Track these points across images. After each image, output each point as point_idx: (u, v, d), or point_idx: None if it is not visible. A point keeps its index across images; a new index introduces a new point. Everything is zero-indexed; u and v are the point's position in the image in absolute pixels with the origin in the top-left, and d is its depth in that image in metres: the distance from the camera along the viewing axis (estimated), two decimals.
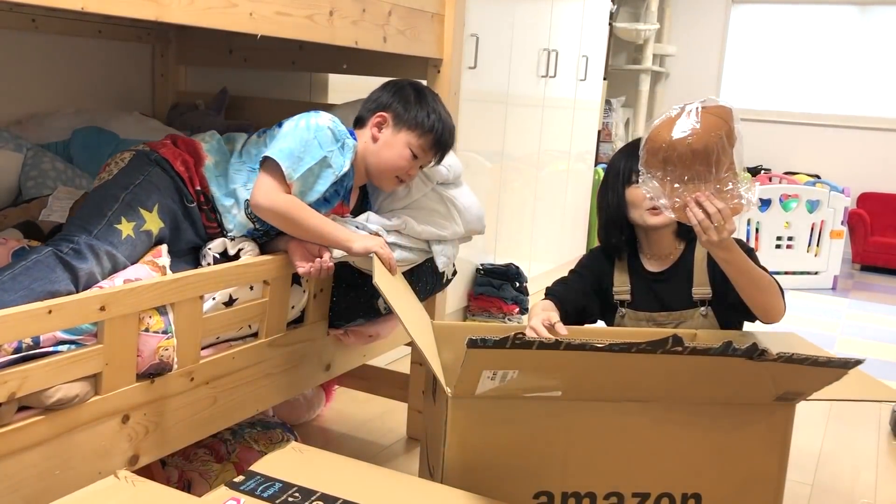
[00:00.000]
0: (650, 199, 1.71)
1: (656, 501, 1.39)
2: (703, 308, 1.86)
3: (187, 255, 1.62)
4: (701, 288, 1.87)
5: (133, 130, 2.00)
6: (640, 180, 1.68)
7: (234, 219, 1.63)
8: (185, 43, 2.41)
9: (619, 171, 1.89)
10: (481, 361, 1.20)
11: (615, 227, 1.92)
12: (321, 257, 1.61)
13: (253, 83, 2.51)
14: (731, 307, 1.82)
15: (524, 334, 1.15)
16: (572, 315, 1.86)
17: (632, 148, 1.86)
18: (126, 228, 1.44)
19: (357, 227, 1.73)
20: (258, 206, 1.58)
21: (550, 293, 1.91)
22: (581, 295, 1.92)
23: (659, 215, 1.82)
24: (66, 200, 1.65)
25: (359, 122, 1.79)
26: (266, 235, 1.67)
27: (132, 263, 1.44)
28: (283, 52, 2.29)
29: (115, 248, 1.40)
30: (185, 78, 2.45)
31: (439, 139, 1.76)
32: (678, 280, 1.90)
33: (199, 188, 1.60)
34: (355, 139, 1.73)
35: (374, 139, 1.74)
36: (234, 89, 2.36)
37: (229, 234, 1.64)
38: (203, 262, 1.60)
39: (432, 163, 1.81)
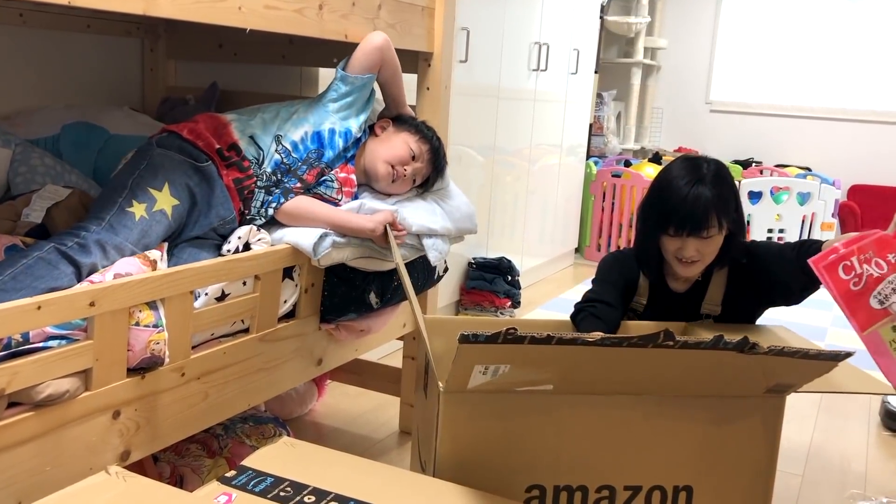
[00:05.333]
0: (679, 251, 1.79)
1: (648, 494, 1.40)
2: (706, 321, 1.91)
3: (211, 248, 1.61)
4: (711, 305, 1.91)
5: (123, 125, 1.99)
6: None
7: (273, 158, 1.71)
8: (175, 37, 2.39)
9: (658, 214, 1.81)
10: (473, 356, 1.20)
11: (649, 255, 1.90)
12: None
13: (243, 77, 2.50)
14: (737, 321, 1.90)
15: (516, 329, 1.15)
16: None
17: (661, 191, 1.81)
18: (139, 210, 1.44)
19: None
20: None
21: (597, 319, 1.80)
22: (621, 309, 1.89)
23: (691, 267, 1.81)
24: (48, 200, 1.62)
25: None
26: (288, 178, 1.72)
27: (149, 247, 1.46)
28: (273, 46, 2.28)
29: (128, 234, 1.41)
30: (175, 72, 2.44)
31: (435, 148, 1.90)
32: (694, 296, 1.93)
33: (219, 146, 1.64)
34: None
35: (377, 136, 1.88)
36: (224, 83, 2.35)
37: (258, 209, 1.69)
38: (223, 248, 1.61)
39: (425, 174, 1.90)
